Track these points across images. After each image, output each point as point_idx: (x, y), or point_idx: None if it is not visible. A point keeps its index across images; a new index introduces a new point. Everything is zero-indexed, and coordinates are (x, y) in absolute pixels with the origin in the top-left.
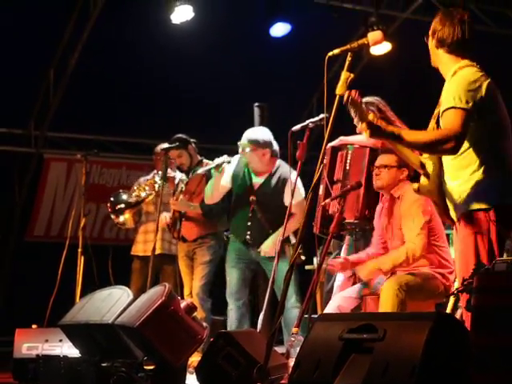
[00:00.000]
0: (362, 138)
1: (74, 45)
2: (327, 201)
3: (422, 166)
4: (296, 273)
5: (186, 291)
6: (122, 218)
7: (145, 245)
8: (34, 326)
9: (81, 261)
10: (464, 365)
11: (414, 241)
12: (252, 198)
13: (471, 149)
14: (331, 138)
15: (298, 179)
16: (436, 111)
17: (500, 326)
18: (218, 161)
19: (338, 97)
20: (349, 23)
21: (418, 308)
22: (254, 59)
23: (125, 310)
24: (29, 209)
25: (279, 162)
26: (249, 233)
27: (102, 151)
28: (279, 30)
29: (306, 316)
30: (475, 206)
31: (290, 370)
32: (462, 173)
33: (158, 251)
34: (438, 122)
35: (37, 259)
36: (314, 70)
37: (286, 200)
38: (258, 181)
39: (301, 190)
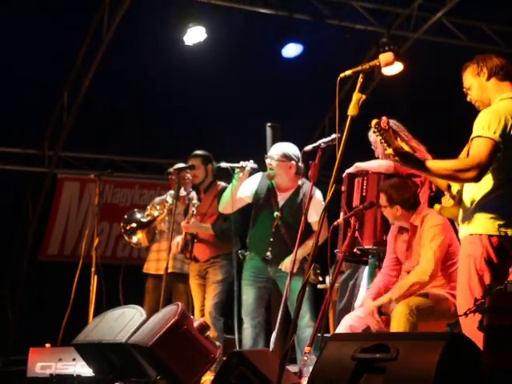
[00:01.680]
0: (376, 163)
1: (88, 67)
2: (339, 220)
3: (449, 187)
4: (310, 292)
5: (197, 310)
6: (135, 239)
7: (157, 263)
8: (47, 345)
9: (94, 280)
10: None
11: (423, 265)
12: (277, 214)
13: (487, 176)
14: (343, 159)
15: (321, 197)
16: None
17: None
18: (244, 163)
19: (350, 117)
20: (360, 44)
21: (429, 329)
22: (266, 80)
23: (138, 329)
24: (42, 228)
25: (303, 179)
26: (270, 249)
27: (115, 171)
28: (291, 50)
29: (319, 335)
30: (474, 230)
31: None
32: (473, 197)
33: (170, 270)
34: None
35: (50, 278)
36: (325, 91)
37: (310, 217)
38: (282, 197)
39: (320, 210)
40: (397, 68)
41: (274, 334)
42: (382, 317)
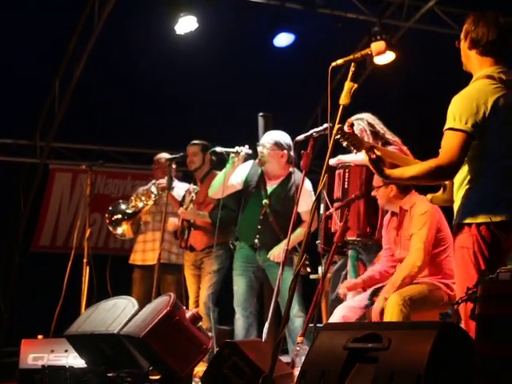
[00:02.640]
0: (358, 157)
1: (79, 56)
2: (331, 210)
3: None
4: (299, 282)
5: (191, 300)
6: (119, 230)
7: (143, 254)
8: (39, 337)
9: (86, 271)
10: (468, 374)
11: (413, 257)
12: (265, 201)
13: (467, 164)
14: (335, 149)
15: (311, 188)
16: None
17: (504, 334)
18: (239, 148)
19: (341, 107)
20: (352, 33)
21: (422, 319)
22: (258, 69)
23: (130, 320)
24: (34, 219)
25: (294, 169)
26: (258, 236)
27: (107, 161)
28: (283, 40)
29: (311, 325)
30: (462, 219)
31: (295, 379)
32: (458, 185)
33: (154, 261)
34: None
35: (42, 270)
36: (317, 80)
37: (300, 207)
38: (271, 185)
39: (311, 198)
40: (389, 57)
41: (266, 325)
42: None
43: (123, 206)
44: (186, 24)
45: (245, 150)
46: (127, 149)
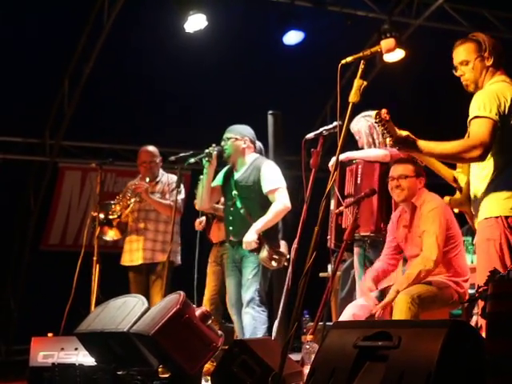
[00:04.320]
0: (372, 152)
1: (88, 55)
2: (341, 208)
3: (455, 179)
4: (261, 275)
5: (206, 298)
6: (108, 238)
7: (130, 254)
8: (49, 335)
9: (96, 269)
10: (479, 372)
11: (427, 252)
12: (234, 192)
13: (491, 159)
14: (345, 146)
15: (271, 166)
16: None
17: None
18: (209, 149)
19: (351, 104)
20: (362, 30)
21: (432, 317)
22: (267, 67)
23: (140, 318)
24: (44, 217)
25: (257, 155)
26: (231, 228)
27: (117, 160)
28: (292, 37)
29: (321, 324)
30: (488, 213)
31: (305, 377)
32: (482, 182)
33: (139, 261)
34: None
35: (52, 268)
36: (327, 78)
37: (264, 188)
38: (238, 175)
39: (272, 177)
40: (398, 55)
41: (276, 323)
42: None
43: (102, 216)
44: (196, 22)
45: (215, 148)
46: (137, 147)
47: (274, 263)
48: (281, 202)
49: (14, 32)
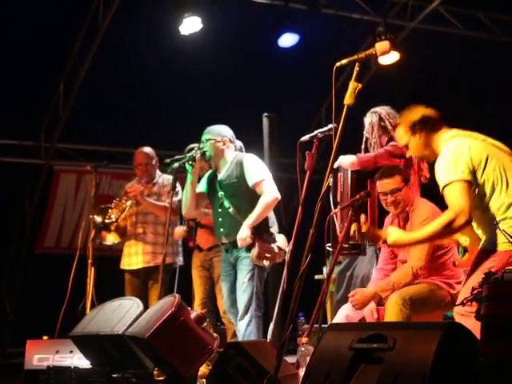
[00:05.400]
0: (344, 159)
1: (84, 57)
2: (335, 210)
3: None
4: (257, 277)
5: (197, 302)
6: (108, 242)
7: (129, 258)
8: (44, 338)
9: (91, 272)
10: (474, 374)
11: (415, 257)
12: (220, 193)
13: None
14: (340, 149)
15: (253, 158)
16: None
17: (509, 334)
18: (189, 154)
19: (346, 107)
20: (357, 33)
21: (424, 319)
22: (262, 70)
23: (135, 320)
24: (39, 220)
25: (236, 152)
26: (222, 230)
27: (112, 162)
28: (287, 40)
29: (316, 326)
30: (495, 246)
31: (300, 380)
32: (483, 224)
33: (140, 265)
34: None
35: (47, 270)
36: (322, 80)
37: (249, 181)
38: (221, 175)
39: (255, 169)
40: (393, 57)
41: (271, 325)
42: (379, 306)
43: (99, 219)
44: (191, 24)
45: (198, 151)
46: (132, 150)
47: (265, 262)
48: (269, 193)
49: (9, 34)
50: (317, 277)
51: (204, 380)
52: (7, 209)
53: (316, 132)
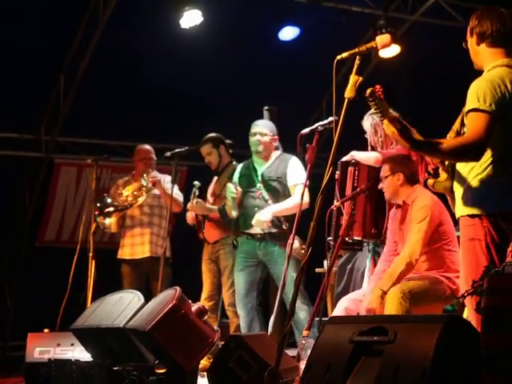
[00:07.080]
0: (364, 155)
1: (84, 51)
2: (337, 203)
3: (442, 161)
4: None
5: (204, 295)
6: (107, 221)
7: (132, 248)
8: (45, 331)
9: (92, 265)
10: (475, 366)
11: (409, 250)
12: (259, 184)
13: None
14: (340, 143)
15: (299, 162)
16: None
17: (510, 327)
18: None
19: (347, 100)
20: (357, 26)
21: (423, 312)
22: (263, 63)
23: (136, 313)
24: (39, 214)
25: (280, 151)
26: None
27: (112, 156)
28: (288, 33)
29: (317, 319)
30: (471, 210)
31: (301, 372)
32: (466, 175)
33: (146, 254)
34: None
35: (48, 264)
36: (323, 74)
37: (289, 182)
38: (263, 168)
39: (300, 173)
40: (394, 50)
41: (272, 318)
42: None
43: (109, 200)
44: (191, 18)
45: (195, 189)
46: (132, 143)
47: (302, 252)
48: (304, 197)
49: (9, 28)
50: (317, 270)
51: (205, 373)
52: (7, 202)
53: (316, 125)
